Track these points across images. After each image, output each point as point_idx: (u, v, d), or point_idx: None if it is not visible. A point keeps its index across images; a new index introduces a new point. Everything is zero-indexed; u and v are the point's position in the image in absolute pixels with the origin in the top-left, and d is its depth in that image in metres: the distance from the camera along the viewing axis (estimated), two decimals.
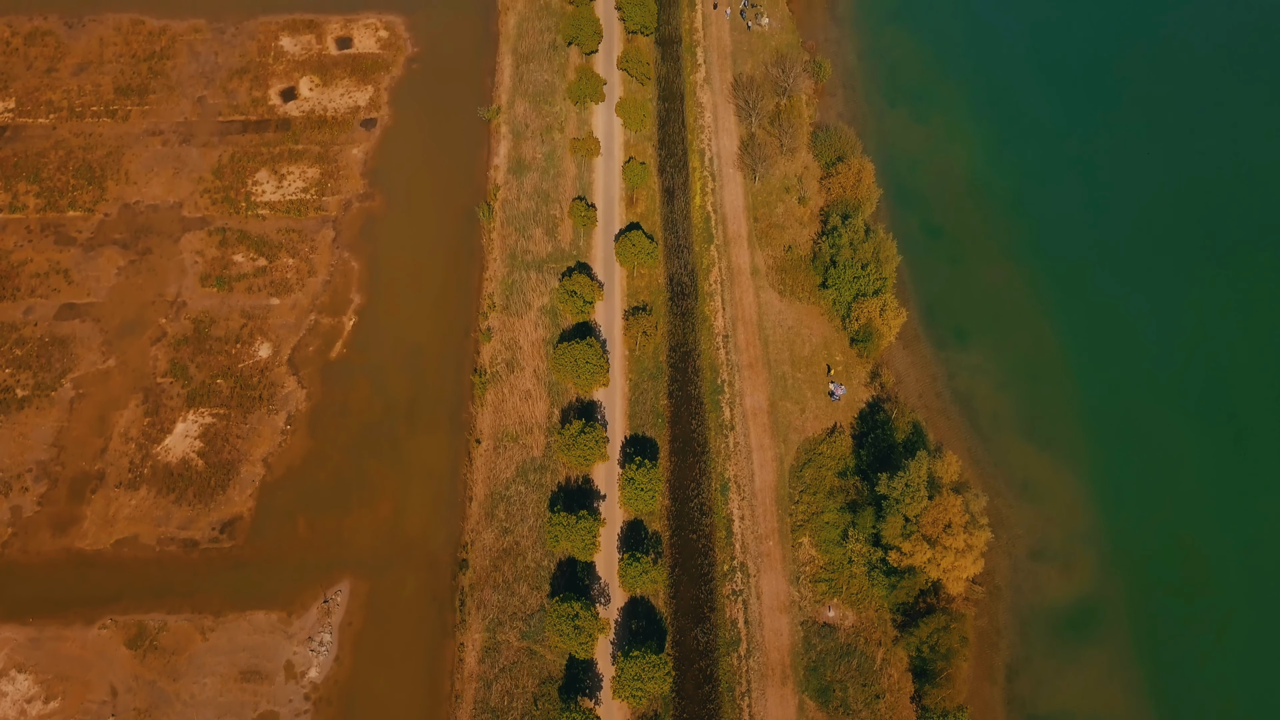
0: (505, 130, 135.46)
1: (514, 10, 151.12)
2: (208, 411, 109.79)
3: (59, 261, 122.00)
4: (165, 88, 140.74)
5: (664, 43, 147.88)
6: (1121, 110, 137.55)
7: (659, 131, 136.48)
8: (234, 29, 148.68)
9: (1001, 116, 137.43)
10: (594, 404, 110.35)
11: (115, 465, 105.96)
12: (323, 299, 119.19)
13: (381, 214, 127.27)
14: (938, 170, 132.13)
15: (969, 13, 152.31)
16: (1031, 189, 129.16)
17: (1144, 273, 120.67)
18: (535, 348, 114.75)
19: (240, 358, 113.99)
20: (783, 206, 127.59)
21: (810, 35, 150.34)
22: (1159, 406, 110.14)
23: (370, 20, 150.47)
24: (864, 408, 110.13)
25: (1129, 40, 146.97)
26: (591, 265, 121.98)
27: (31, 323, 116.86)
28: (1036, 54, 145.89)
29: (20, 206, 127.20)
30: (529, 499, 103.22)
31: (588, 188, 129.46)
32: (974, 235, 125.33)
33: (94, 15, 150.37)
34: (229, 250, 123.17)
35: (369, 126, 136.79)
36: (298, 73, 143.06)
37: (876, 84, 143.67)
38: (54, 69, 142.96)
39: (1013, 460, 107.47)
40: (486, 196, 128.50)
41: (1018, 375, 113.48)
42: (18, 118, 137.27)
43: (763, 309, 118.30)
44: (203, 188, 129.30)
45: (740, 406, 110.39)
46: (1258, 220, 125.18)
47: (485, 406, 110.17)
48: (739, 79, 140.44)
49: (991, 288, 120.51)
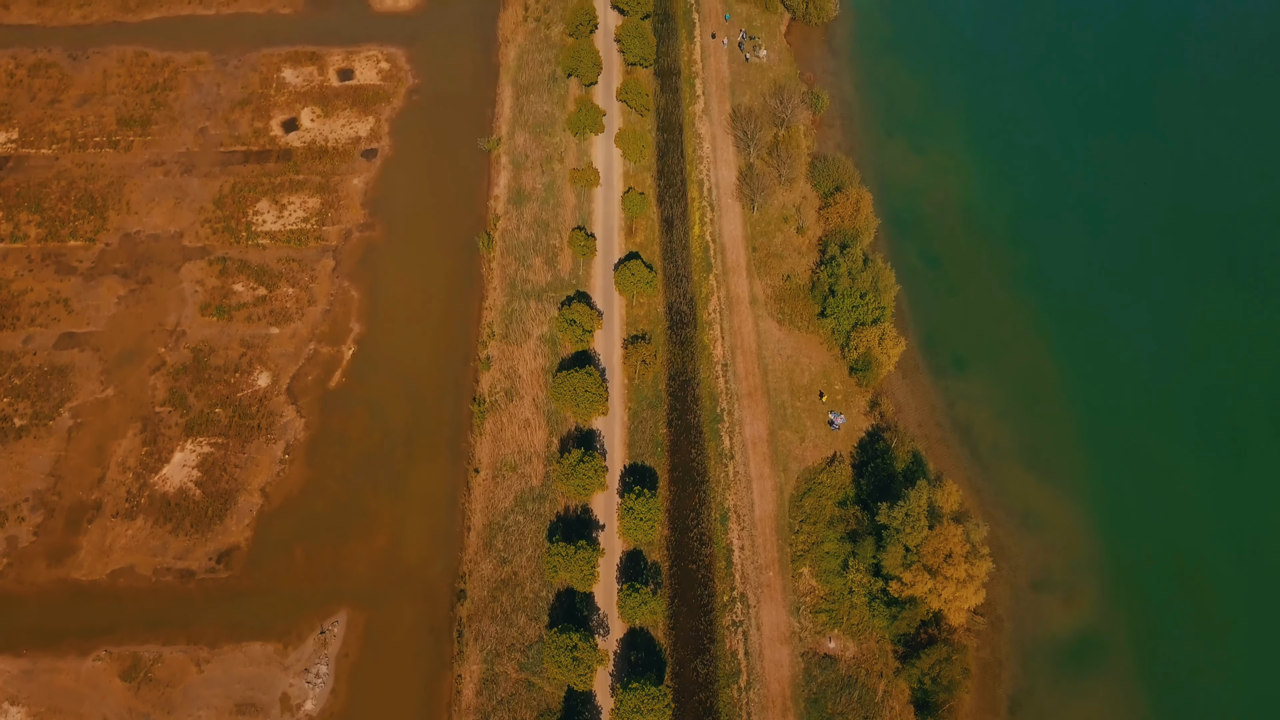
0: (505, 161, 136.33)
1: (514, 43, 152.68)
2: (206, 441, 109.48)
3: (59, 291, 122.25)
4: (167, 119, 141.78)
5: (663, 74, 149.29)
6: (1117, 140, 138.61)
7: (658, 162, 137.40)
8: (237, 61, 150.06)
9: (998, 147, 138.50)
10: (593, 433, 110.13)
11: (112, 495, 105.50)
12: (322, 328, 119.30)
13: (382, 243, 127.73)
14: (935, 200, 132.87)
15: (965, 45, 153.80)
16: (1028, 218, 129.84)
17: (1141, 301, 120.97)
18: (534, 376, 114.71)
19: (239, 387, 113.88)
20: (781, 236, 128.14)
21: (808, 67, 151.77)
22: (1159, 435, 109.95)
23: (372, 52, 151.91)
24: (864, 436, 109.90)
25: (1125, 72, 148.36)
26: (591, 294, 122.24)
27: (31, 352, 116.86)
28: (1032, 85, 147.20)
29: (22, 236, 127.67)
30: (527, 529, 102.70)
31: (587, 217, 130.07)
32: (972, 265, 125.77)
33: (98, 48, 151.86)
34: (229, 279, 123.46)
35: (370, 157, 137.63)
36: (299, 104, 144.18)
37: (874, 115, 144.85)
38: (57, 100, 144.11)
39: (1013, 489, 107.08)
40: (486, 226, 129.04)
41: (1017, 404, 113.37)
42: (20, 148, 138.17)
43: (762, 338, 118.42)
44: (204, 217, 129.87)
45: (740, 435, 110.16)
46: (1255, 247, 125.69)
47: (484, 435, 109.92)
48: (737, 110, 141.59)
49: (990, 317, 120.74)
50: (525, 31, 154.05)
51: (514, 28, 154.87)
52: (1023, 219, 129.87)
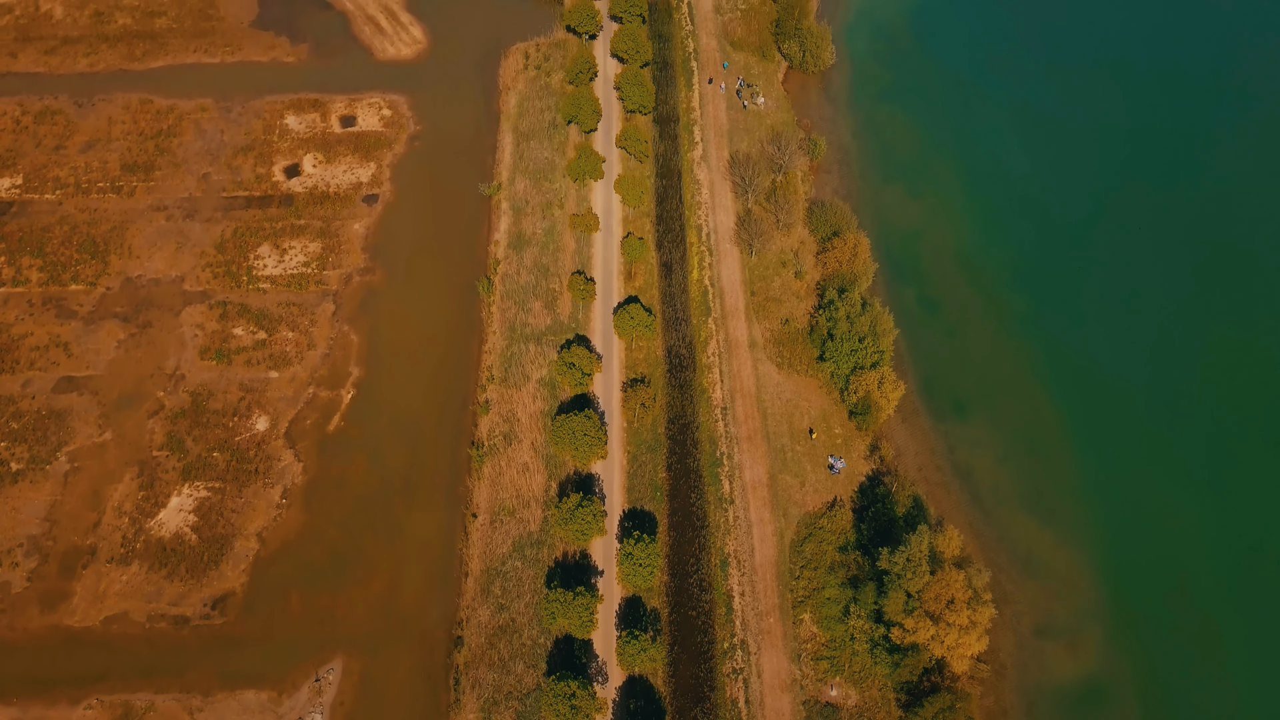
0: (506, 206, 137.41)
1: (515, 90, 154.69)
2: (203, 485, 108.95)
3: (59, 335, 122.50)
4: (171, 164, 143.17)
5: (661, 121, 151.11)
6: (1114, 184, 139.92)
7: (657, 207, 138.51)
8: (240, 108, 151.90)
9: (995, 192, 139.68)
10: (592, 477, 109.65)
11: (108, 540, 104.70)
12: (321, 372, 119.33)
13: (382, 288, 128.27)
14: (932, 245, 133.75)
15: (961, 91, 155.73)
16: (1026, 263, 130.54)
17: (1141, 344, 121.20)
18: (533, 420, 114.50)
19: (237, 431, 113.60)
20: (779, 280, 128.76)
21: (805, 114, 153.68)
22: (1162, 478, 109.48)
23: (374, 99, 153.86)
24: (864, 481, 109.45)
25: (1122, 115, 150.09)
26: (590, 338, 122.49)
27: (29, 395, 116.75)
28: (1029, 130, 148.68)
29: (24, 280, 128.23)
30: (525, 575, 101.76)
31: (587, 262, 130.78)
32: (970, 309, 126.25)
33: (104, 95, 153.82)
34: (229, 323, 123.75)
35: (371, 202, 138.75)
36: (302, 150, 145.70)
37: (870, 161, 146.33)
38: (62, 146, 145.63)
39: (1015, 534, 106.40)
40: (486, 270, 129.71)
41: (1017, 448, 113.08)
42: (25, 193, 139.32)
43: (761, 381, 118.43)
44: (205, 262, 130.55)
45: (740, 480, 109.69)
46: (1256, 289, 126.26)
47: (482, 480, 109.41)
48: (735, 156, 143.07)
49: (989, 360, 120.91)
50: (526, 79, 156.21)
51: (515, 75, 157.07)
52: (1020, 263, 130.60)
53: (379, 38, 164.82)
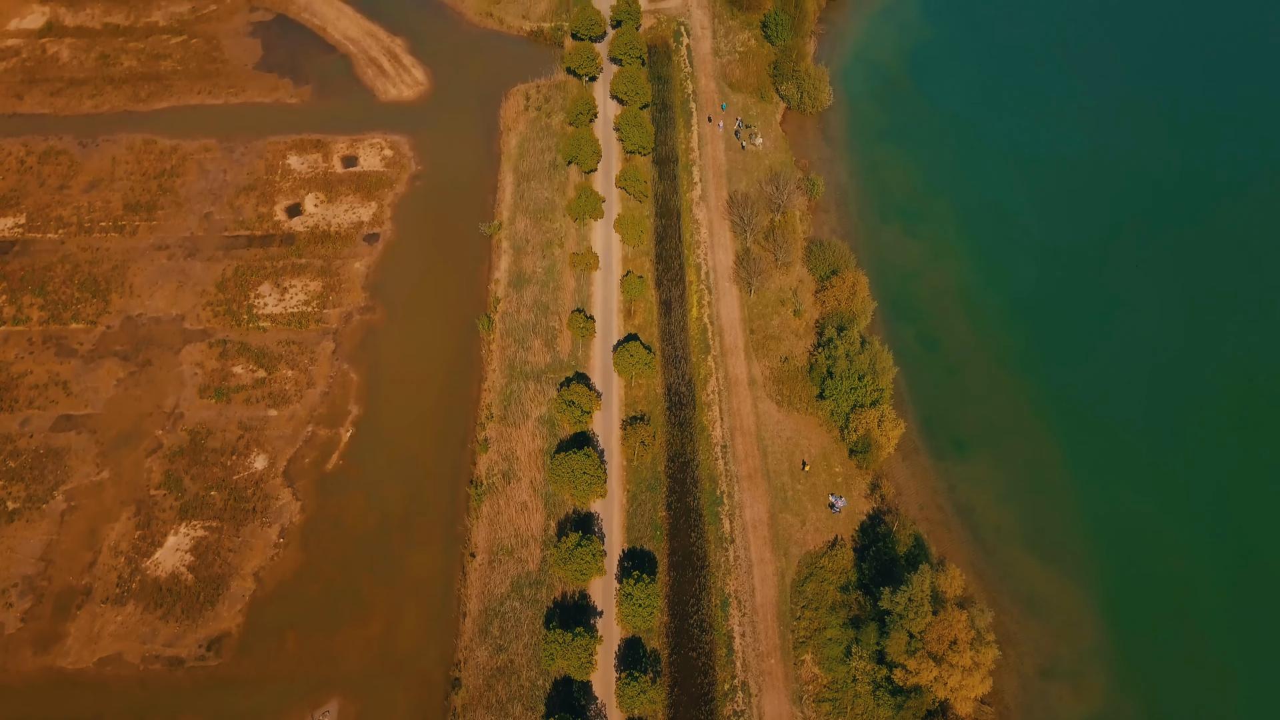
0: (506, 245, 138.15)
1: (515, 131, 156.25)
2: (200, 524, 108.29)
3: (59, 373, 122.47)
4: (173, 204, 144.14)
5: (661, 162, 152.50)
6: (1113, 222, 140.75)
7: (656, 246, 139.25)
8: (243, 148, 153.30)
9: (993, 231, 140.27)
10: (591, 516, 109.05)
11: (103, 580, 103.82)
12: (320, 410, 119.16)
13: (382, 326, 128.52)
14: (932, 283, 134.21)
15: (958, 131, 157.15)
16: (1025, 301, 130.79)
17: (1141, 381, 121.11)
18: (532, 458, 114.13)
19: (235, 469, 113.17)
20: (778, 318, 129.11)
21: (803, 154, 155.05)
22: (1166, 516, 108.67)
23: (376, 140, 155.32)
24: (865, 519, 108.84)
25: (1118, 155, 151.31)
26: (590, 375, 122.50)
27: (27, 434, 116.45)
28: (1027, 170, 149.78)
29: (24, 319, 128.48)
30: (524, 615, 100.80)
31: (586, 300, 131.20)
32: (969, 347, 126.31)
33: (108, 135, 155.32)
34: (229, 362, 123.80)
35: (372, 241, 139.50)
36: (304, 189, 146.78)
37: (869, 200, 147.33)
38: (66, 186, 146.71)
39: (1018, 574, 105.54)
40: (486, 309, 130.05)
41: (1019, 487, 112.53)
42: (27, 233, 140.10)
43: (761, 419, 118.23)
44: (205, 300, 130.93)
45: (740, 519, 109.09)
46: (1256, 327, 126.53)
47: (481, 519, 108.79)
48: (734, 196, 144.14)
49: (989, 399, 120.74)
50: (526, 120, 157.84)
51: (515, 117, 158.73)
52: (1019, 301, 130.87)
53: (381, 79, 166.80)
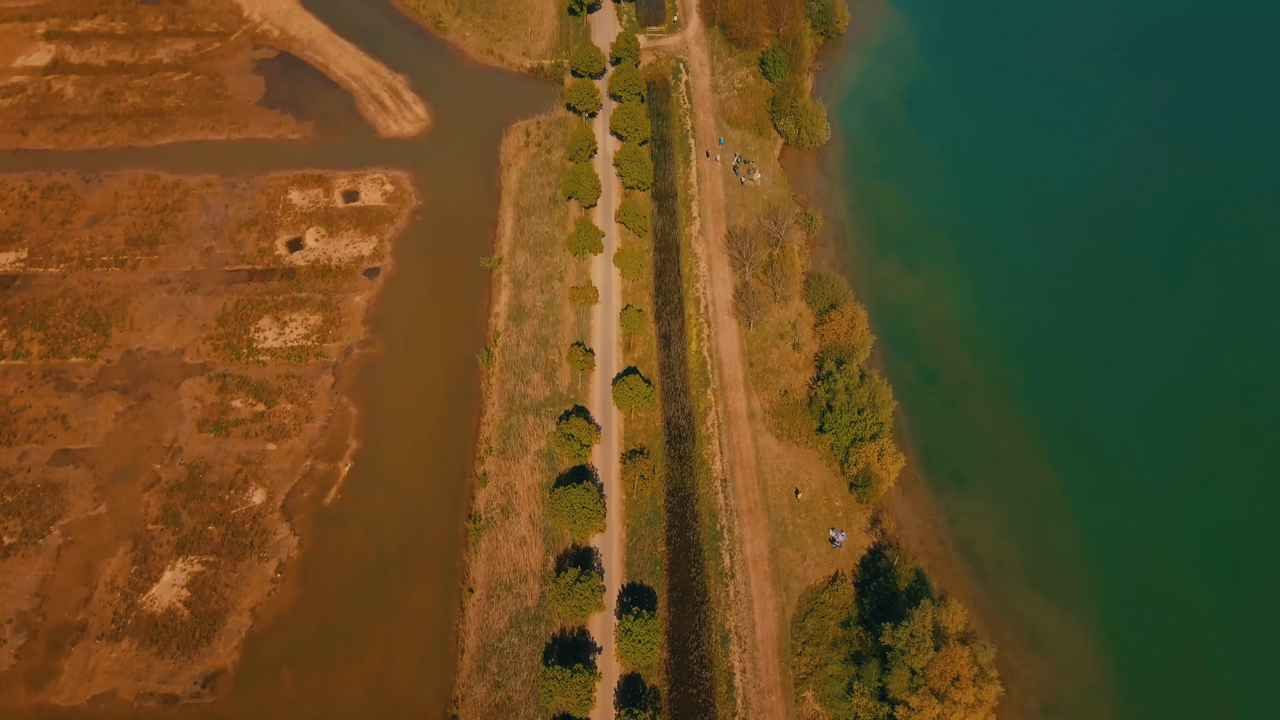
0: (506, 279, 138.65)
1: (516, 166, 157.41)
2: (197, 559, 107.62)
3: (58, 407, 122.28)
4: (175, 238, 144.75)
5: (660, 197, 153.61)
6: (1109, 256, 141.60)
7: (655, 280, 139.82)
8: (245, 183, 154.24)
9: (990, 265, 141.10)
10: (590, 551, 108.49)
11: (98, 616, 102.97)
12: (319, 444, 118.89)
13: (381, 360, 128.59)
14: (930, 317, 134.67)
15: (954, 167, 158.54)
16: (1022, 335, 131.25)
17: (1141, 415, 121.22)
18: (531, 492, 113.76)
19: (233, 504, 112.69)
20: (778, 352, 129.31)
21: (801, 189, 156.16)
22: (1166, 550, 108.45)
23: (377, 175, 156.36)
24: (865, 554, 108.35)
25: (1114, 190, 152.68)
26: (589, 409, 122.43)
27: (25, 469, 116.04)
28: (1022, 205, 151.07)
29: (24, 353, 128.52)
30: (522, 652, 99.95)
31: (586, 334, 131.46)
32: (968, 381, 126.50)
33: (111, 171, 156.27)
34: (228, 396, 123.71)
35: (372, 275, 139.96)
36: (305, 224, 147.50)
37: (866, 235, 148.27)
38: (68, 221, 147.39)
39: (1019, 609, 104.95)
40: (486, 342, 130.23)
41: (1020, 521, 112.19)
42: (29, 267, 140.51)
43: (760, 453, 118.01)
44: (206, 334, 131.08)
45: (740, 554, 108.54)
46: (1257, 362, 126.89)
47: (479, 554, 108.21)
48: (732, 230, 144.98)
49: (988, 432, 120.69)
50: (527, 156, 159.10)
51: (516, 152, 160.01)
52: (1017, 335, 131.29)
53: (383, 115, 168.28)
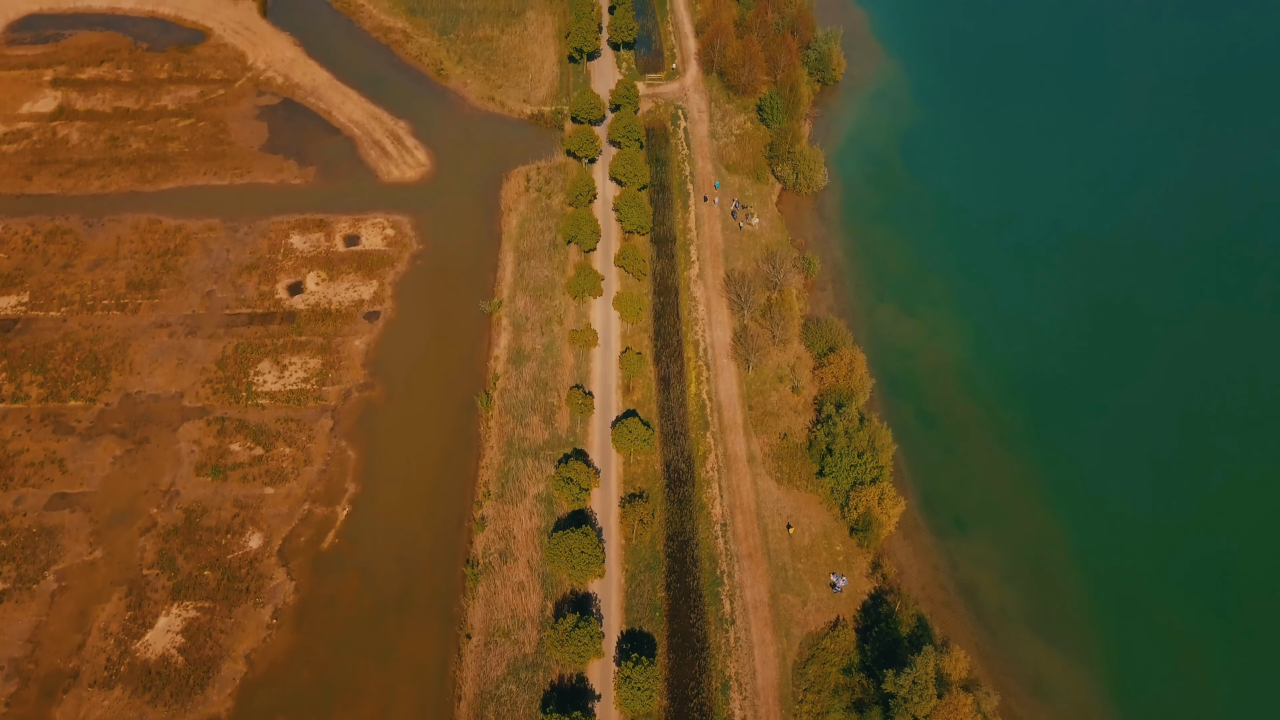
0: (506, 322, 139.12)
1: (516, 211, 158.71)
2: (192, 605, 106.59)
3: (55, 451, 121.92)
4: (176, 282, 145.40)
5: (659, 241, 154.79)
6: (1104, 298, 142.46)
7: (655, 323, 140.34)
8: (247, 228, 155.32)
9: (987, 309, 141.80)
10: (589, 596, 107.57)
11: (91, 662, 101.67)
12: (317, 488, 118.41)
13: (380, 403, 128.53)
14: (928, 361, 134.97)
15: (950, 212, 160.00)
16: (1021, 379, 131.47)
17: (1143, 459, 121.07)
18: (529, 537, 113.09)
19: (230, 548, 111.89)
20: (777, 395, 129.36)
21: (799, 233, 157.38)
22: (1170, 596, 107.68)
23: (378, 219, 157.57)
24: (867, 599, 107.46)
25: (1110, 233, 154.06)
26: (588, 452, 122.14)
27: (21, 513, 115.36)
28: (1018, 249, 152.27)
29: (23, 396, 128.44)
30: (520, 699, 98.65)
31: (585, 376, 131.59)
32: (967, 424, 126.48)
33: (114, 215, 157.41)
34: (226, 439, 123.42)
35: (372, 319, 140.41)
36: (305, 268, 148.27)
37: (864, 279, 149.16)
38: (70, 265, 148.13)
39: (1023, 655, 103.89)
40: (486, 385, 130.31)
41: (1022, 566, 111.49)
42: (30, 310, 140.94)
43: (761, 497, 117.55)
44: (205, 378, 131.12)
45: (740, 599, 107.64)
46: (1255, 400, 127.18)
47: (477, 599, 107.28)
48: (731, 274, 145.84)
49: (989, 476, 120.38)
50: (527, 201, 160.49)
51: (516, 197, 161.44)
52: (1015, 379, 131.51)
53: (384, 161, 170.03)
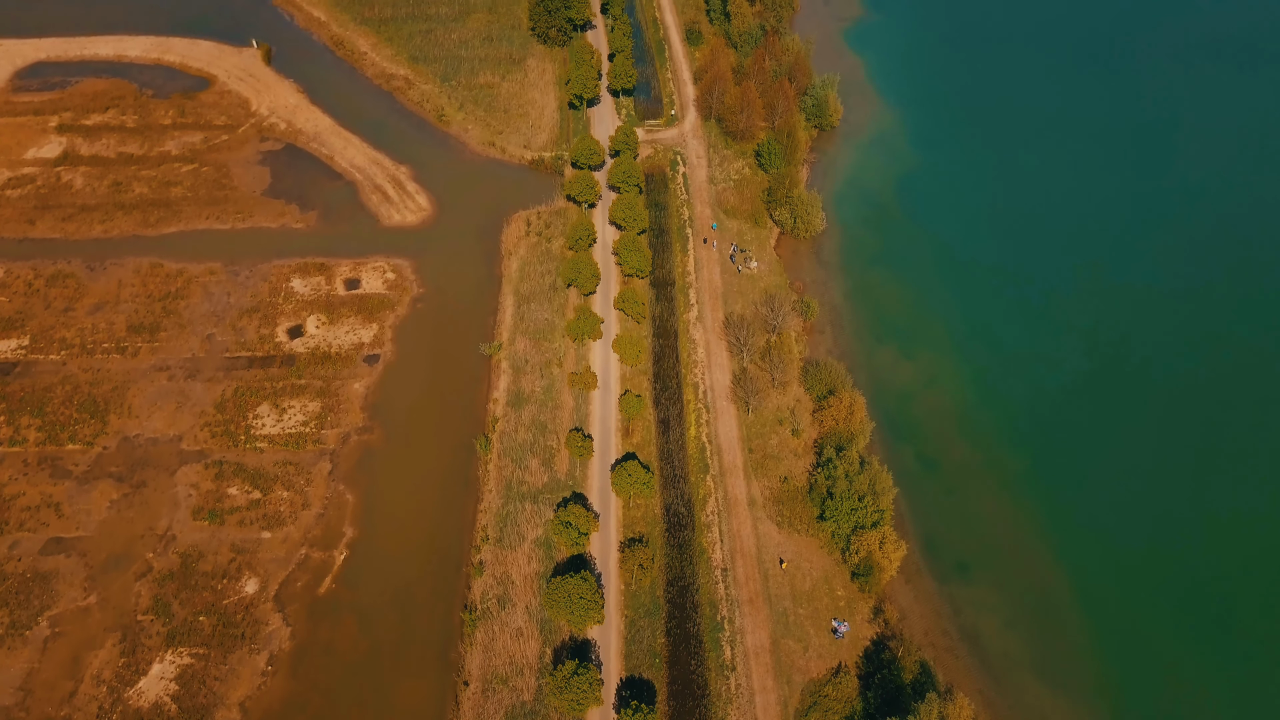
0: (506, 365, 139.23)
1: (517, 255, 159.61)
2: (187, 651, 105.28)
3: (52, 495, 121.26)
4: (176, 325, 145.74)
5: (658, 284, 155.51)
6: (1105, 342, 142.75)
7: (654, 366, 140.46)
8: (248, 271, 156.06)
9: (986, 352, 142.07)
10: (588, 643, 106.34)
11: (83, 711, 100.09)
12: (315, 532, 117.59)
13: (379, 447, 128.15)
14: (928, 403, 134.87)
15: (947, 255, 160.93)
16: (1022, 422, 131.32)
17: (1146, 501, 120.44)
18: (528, 582, 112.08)
19: (226, 593, 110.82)
20: (777, 438, 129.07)
21: (797, 276, 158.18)
22: (1176, 640, 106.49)
23: (379, 263, 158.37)
24: (869, 646, 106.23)
25: (1109, 275, 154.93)
26: (587, 495, 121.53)
27: (15, 558, 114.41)
28: (1017, 291, 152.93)
29: (21, 440, 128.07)
30: None
31: (585, 419, 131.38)
32: (969, 467, 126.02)
33: (115, 259, 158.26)
34: (224, 483, 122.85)
35: (372, 362, 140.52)
36: (306, 311, 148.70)
37: (863, 322, 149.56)
38: (71, 308, 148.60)
39: (1028, 702, 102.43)
40: (485, 428, 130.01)
41: (1026, 611, 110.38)
42: (30, 354, 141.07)
43: (761, 541, 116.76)
44: (204, 421, 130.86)
45: (741, 645, 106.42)
46: (1254, 439, 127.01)
47: (475, 646, 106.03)
48: (730, 317, 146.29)
49: (990, 520, 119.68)
50: (528, 245, 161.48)
51: (517, 241, 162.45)
52: (1016, 422, 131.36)
53: (386, 205, 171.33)
